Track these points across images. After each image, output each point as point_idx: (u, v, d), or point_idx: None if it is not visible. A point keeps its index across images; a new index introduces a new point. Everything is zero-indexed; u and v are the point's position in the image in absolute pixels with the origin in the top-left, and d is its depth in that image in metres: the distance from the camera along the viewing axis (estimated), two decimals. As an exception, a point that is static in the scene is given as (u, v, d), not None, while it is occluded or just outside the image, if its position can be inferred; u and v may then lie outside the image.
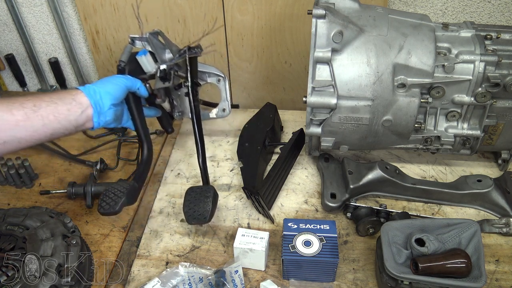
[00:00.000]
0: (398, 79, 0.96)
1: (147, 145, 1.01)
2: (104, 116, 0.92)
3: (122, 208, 0.89)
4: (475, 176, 1.06)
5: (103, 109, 0.91)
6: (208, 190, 0.98)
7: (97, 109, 0.89)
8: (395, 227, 0.88)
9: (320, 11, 0.93)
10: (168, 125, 1.19)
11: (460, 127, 1.04)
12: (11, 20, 1.49)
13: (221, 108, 1.21)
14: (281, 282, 0.92)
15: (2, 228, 0.91)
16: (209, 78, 1.18)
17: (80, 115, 0.87)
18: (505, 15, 1.28)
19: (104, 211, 0.88)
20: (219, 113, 1.22)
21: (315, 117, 1.01)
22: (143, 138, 1.02)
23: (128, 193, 0.91)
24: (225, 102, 1.21)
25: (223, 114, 1.22)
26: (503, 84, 0.95)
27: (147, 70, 1.03)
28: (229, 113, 1.22)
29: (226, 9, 1.31)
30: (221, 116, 1.22)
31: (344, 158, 1.11)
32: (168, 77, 1.03)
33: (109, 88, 0.92)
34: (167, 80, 1.03)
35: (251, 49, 1.39)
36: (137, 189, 0.95)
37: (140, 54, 1.02)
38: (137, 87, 0.99)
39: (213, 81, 1.18)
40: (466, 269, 0.80)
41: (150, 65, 1.03)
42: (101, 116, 0.91)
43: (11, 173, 1.14)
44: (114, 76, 0.98)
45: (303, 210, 1.08)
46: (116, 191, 0.91)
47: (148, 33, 1.03)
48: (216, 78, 1.17)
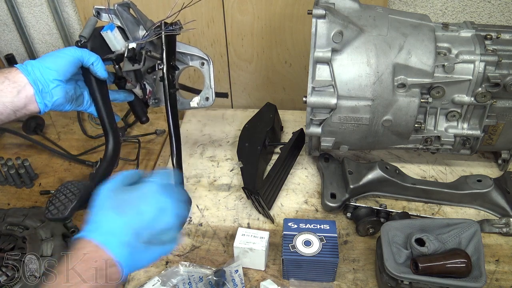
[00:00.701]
0: (398, 79, 0.96)
1: (112, 136, 0.86)
2: (50, 96, 0.78)
3: (72, 213, 0.77)
4: (475, 176, 1.06)
5: (46, 87, 0.77)
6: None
7: (38, 88, 0.76)
8: (395, 227, 0.88)
9: (320, 11, 0.93)
10: (142, 113, 1.03)
11: (460, 127, 1.04)
12: (11, 20, 1.49)
13: (204, 96, 1.05)
14: (281, 282, 0.92)
15: (2, 228, 0.91)
16: (192, 61, 1.02)
17: (17, 96, 0.75)
18: (505, 15, 1.28)
19: (51, 216, 0.76)
20: (201, 102, 1.05)
21: (315, 117, 1.01)
22: (107, 127, 0.87)
23: (82, 196, 0.78)
24: (209, 90, 1.04)
25: (205, 103, 1.05)
26: (503, 84, 0.95)
27: (114, 48, 0.88)
28: (212, 102, 1.05)
29: (226, 9, 1.31)
30: (203, 106, 1.06)
31: (344, 158, 1.11)
32: (138, 57, 0.89)
33: (51, 62, 0.78)
34: (136, 61, 0.89)
35: (251, 49, 1.39)
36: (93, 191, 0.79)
37: (105, 29, 0.86)
38: (91, 62, 0.82)
39: (196, 64, 1.02)
40: (466, 269, 0.80)
41: (118, 42, 0.88)
42: (46, 96, 0.78)
43: (11, 173, 1.14)
44: (61, 49, 0.82)
45: (303, 210, 1.08)
46: (67, 192, 0.79)
47: (117, 5, 0.89)
48: (199, 61, 1.02)
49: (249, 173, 1.09)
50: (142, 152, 1.25)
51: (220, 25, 1.35)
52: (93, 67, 0.83)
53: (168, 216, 0.64)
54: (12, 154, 1.26)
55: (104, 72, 0.85)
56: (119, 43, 0.88)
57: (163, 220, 0.63)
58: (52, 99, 0.79)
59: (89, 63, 0.82)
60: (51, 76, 0.77)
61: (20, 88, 0.75)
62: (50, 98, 0.79)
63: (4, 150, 1.27)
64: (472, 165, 1.18)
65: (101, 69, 0.84)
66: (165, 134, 1.33)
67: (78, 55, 0.81)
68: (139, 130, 1.35)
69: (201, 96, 1.05)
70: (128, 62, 0.89)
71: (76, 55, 0.80)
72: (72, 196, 0.78)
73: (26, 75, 0.76)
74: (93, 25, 0.87)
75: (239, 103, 1.53)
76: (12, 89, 0.75)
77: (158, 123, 1.37)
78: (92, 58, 0.82)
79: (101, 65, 0.84)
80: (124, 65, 0.90)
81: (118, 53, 0.89)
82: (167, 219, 0.64)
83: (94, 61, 0.83)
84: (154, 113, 1.41)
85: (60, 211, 0.76)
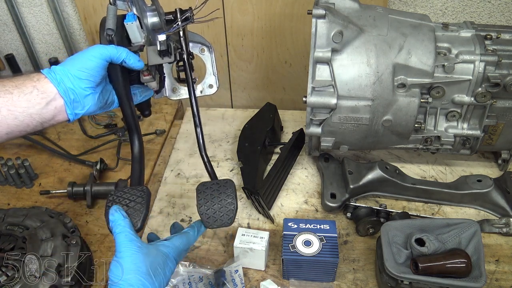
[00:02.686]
0: (398, 79, 0.96)
1: (137, 137, 0.81)
2: (82, 106, 0.72)
3: (144, 223, 0.72)
4: (475, 176, 1.06)
5: (77, 97, 0.71)
6: (227, 186, 0.77)
7: (70, 98, 0.70)
8: (395, 227, 0.88)
9: (320, 11, 0.93)
10: (146, 106, 0.95)
11: (460, 127, 1.04)
12: (11, 20, 1.49)
13: (208, 83, 0.99)
14: (281, 281, 0.92)
15: (2, 228, 0.91)
16: (191, 48, 0.96)
17: (45, 108, 0.68)
18: (505, 15, 1.28)
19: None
20: (205, 90, 1.00)
21: (315, 117, 1.01)
22: (132, 127, 0.81)
23: (147, 204, 0.73)
24: (212, 76, 0.98)
25: (210, 90, 1.00)
26: (503, 84, 0.95)
27: (136, 40, 0.80)
28: (216, 89, 0.99)
29: (226, 9, 1.31)
30: (208, 93, 1.00)
31: (344, 158, 1.11)
32: (170, 50, 0.81)
33: (80, 67, 0.71)
34: (168, 54, 0.82)
35: (251, 49, 1.39)
36: (151, 195, 0.77)
37: (130, 20, 0.78)
38: (123, 58, 0.74)
39: (196, 51, 0.97)
40: (466, 269, 0.80)
41: (140, 33, 0.80)
42: (77, 106, 0.72)
43: (11, 173, 1.14)
44: (88, 49, 0.73)
45: (303, 210, 1.08)
46: (128, 201, 0.72)
47: None
48: (199, 47, 0.96)
49: (249, 173, 1.09)
50: (142, 152, 1.25)
51: (220, 25, 1.35)
52: (127, 62, 0.75)
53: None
54: (12, 154, 1.26)
55: (139, 62, 0.77)
56: (141, 34, 0.80)
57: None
58: (84, 108, 0.73)
59: (120, 60, 0.75)
60: (82, 84, 0.71)
61: (50, 99, 0.69)
62: (82, 108, 0.73)
63: (4, 150, 1.27)
64: (472, 165, 1.18)
65: (135, 61, 0.76)
66: (165, 134, 1.33)
67: (107, 55, 0.73)
68: (139, 130, 1.35)
69: (204, 83, 1.00)
70: (156, 55, 0.82)
71: (105, 56, 0.73)
72: (135, 204, 0.71)
73: (56, 85, 0.69)
74: (115, 15, 0.79)
75: (239, 103, 1.53)
76: (40, 100, 0.68)
77: (158, 123, 1.37)
78: (123, 54, 0.75)
79: (134, 57, 0.76)
80: (149, 58, 0.82)
81: (138, 44, 0.81)
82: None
83: (126, 57, 0.75)
84: (154, 113, 1.41)
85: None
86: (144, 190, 0.73)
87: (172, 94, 0.98)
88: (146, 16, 0.83)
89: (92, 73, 0.72)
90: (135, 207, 0.71)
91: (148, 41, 0.83)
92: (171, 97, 0.98)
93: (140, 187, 0.75)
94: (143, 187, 0.74)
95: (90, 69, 0.71)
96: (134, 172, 0.79)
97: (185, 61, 0.85)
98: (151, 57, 0.82)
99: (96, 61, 0.72)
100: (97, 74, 0.73)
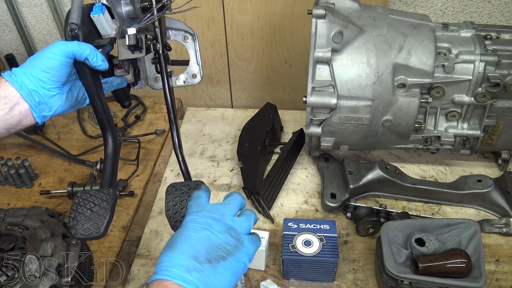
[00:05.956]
0: (398, 79, 0.96)
1: (111, 134, 0.76)
2: (49, 107, 0.69)
3: (108, 229, 0.66)
4: (475, 176, 1.06)
5: (43, 99, 0.68)
6: (192, 186, 0.74)
7: (34, 101, 0.67)
8: (395, 227, 0.88)
9: (320, 11, 0.93)
10: (125, 97, 0.90)
11: (460, 127, 1.04)
12: (11, 20, 1.49)
13: (191, 73, 0.95)
14: (281, 282, 0.92)
15: (2, 228, 0.91)
16: (173, 36, 0.92)
17: (9, 114, 0.65)
18: (505, 15, 1.28)
19: (84, 235, 0.65)
20: (188, 80, 0.95)
21: (315, 117, 1.01)
22: (105, 123, 0.75)
23: (112, 208, 0.67)
24: (196, 65, 0.93)
25: (193, 81, 0.95)
26: (503, 84, 0.95)
27: (105, 32, 0.75)
28: (200, 79, 0.95)
29: (226, 9, 1.31)
30: (190, 84, 0.95)
31: (344, 158, 1.11)
32: (140, 44, 0.75)
33: (42, 68, 0.67)
34: (138, 49, 0.75)
35: (251, 49, 1.39)
36: (117, 198, 0.72)
37: (97, 12, 0.72)
38: (86, 55, 0.69)
39: (179, 39, 0.91)
40: (466, 269, 0.80)
41: (110, 26, 0.74)
42: (44, 109, 0.68)
43: (11, 173, 1.14)
44: (48, 47, 0.69)
45: (303, 210, 1.08)
46: (89, 204, 0.67)
47: None
48: (182, 35, 0.91)
49: (249, 173, 1.09)
50: (142, 152, 1.25)
51: (220, 25, 1.35)
52: (89, 61, 0.70)
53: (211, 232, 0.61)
54: (12, 154, 1.26)
55: (103, 62, 0.73)
56: (110, 26, 0.74)
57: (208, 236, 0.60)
58: (51, 110, 0.71)
59: (83, 57, 0.70)
60: (46, 85, 0.68)
61: (13, 104, 0.66)
62: (49, 110, 0.70)
63: (4, 150, 1.27)
64: (472, 165, 1.18)
65: (99, 61, 0.71)
66: (165, 134, 1.33)
67: (69, 52, 0.68)
68: (139, 130, 1.35)
69: (187, 73, 0.95)
70: (127, 50, 0.76)
71: (66, 53, 0.68)
72: (99, 209, 0.67)
73: (18, 88, 0.66)
74: (80, 6, 0.72)
75: (239, 103, 1.53)
76: (3, 106, 0.65)
77: (158, 123, 1.37)
78: (86, 50, 0.69)
79: (98, 56, 0.71)
80: (120, 53, 0.76)
81: (108, 37, 0.76)
82: (210, 234, 0.61)
83: (89, 54, 0.70)
84: (154, 113, 1.41)
85: (93, 229, 0.65)
86: (110, 193, 0.69)
87: (154, 84, 0.94)
88: (120, 5, 0.78)
89: (55, 72, 0.68)
90: (99, 212, 0.66)
91: (121, 32, 0.77)
92: (154, 86, 0.94)
93: (107, 190, 0.69)
94: (110, 190, 0.69)
95: (52, 68, 0.68)
96: (106, 172, 0.74)
97: (160, 54, 0.80)
98: (122, 51, 0.76)
99: (58, 59, 0.68)
100: (61, 73, 0.69)
